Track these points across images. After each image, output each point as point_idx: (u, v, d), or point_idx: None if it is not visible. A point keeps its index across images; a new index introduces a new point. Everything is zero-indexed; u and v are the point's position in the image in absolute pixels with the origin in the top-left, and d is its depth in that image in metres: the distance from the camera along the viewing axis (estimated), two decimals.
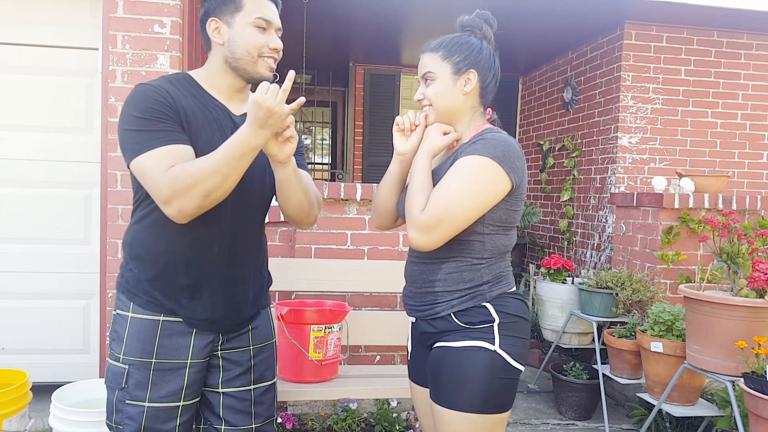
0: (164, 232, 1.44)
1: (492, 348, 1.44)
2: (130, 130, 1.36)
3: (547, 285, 3.64)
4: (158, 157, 1.32)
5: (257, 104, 1.26)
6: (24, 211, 3.09)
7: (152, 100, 1.36)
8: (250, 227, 1.55)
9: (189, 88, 1.47)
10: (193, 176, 1.29)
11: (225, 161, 1.30)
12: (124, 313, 1.48)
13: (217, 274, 1.49)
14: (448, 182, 1.40)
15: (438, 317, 1.50)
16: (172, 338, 1.46)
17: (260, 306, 1.64)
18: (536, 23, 4.71)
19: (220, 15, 1.46)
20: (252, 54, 1.45)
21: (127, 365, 1.45)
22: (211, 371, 1.55)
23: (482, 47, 1.53)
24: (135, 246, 1.48)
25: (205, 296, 1.48)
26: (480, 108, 1.56)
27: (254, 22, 1.44)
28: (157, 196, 1.32)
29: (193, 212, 1.32)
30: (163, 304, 1.46)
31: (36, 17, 3.06)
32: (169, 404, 1.46)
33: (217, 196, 1.32)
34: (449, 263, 1.48)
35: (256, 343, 1.61)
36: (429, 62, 1.52)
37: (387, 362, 3.12)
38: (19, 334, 3.11)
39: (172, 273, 1.46)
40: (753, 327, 2.35)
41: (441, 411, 1.45)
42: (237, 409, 1.57)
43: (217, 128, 1.45)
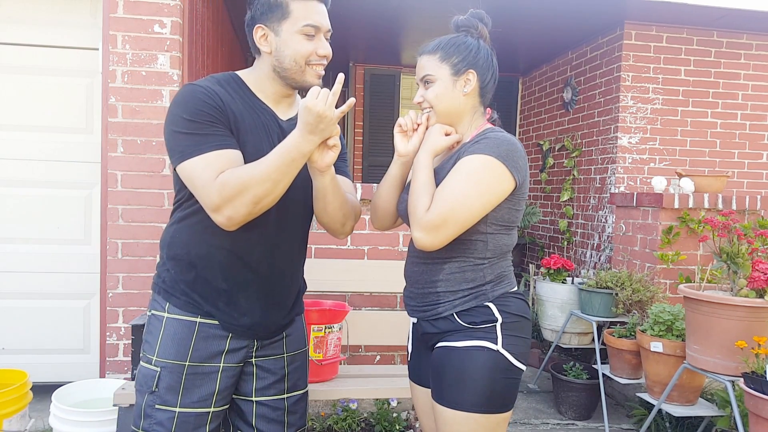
0: (205, 234, 1.42)
1: (495, 348, 1.44)
2: (179, 132, 1.33)
3: (547, 285, 3.64)
4: (208, 163, 1.30)
5: (308, 109, 1.25)
6: (24, 211, 3.09)
7: (202, 103, 1.34)
8: (292, 236, 1.53)
9: (238, 90, 1.44)
10: (243, 183, 1.27)
11: (275, 167, 1.28)
12: (160, 314, 1.45)
13: (255, 281, 1.46)
14: (453, 182, 1.40)
15: (440, 317, 1.49)
16: (207, 341, 1.44)
17: (295, 313, 1.61)
18: (536, 23, 4.71)
19: (267, 22, 1.41)
20: (300, 63, 1.41)
21: (159, 368, 1.42)
22: (245, 379, 1.53)
23: (480, 47, 1.53)
24: (174, 246, 1.46)
25: (242, 302, 1.46)
26: (480, 108, 1.56)
27: (302, 30, 1.39)
28: (207, 203, 1.30)
29: (242, 219, 1.31)
30: (201, 306, 1.44)
31: (36, 17, 3.06)
32: (199, 410, 1.43)
33: (267, 203, 1.31)
34: (451, 263, 1.48)
35: (290, 351, 1.59)
36: (427, 64, 1.52)
37: (387, 362, 3.12)
38: (19, 334, 3.11)
39: (210, 276, 1.43)
40: (753, 327, 2.35)
41: (444, 411, 1.45)
42: (270, 418, 1.54)
43: (265, 133, 1.43)
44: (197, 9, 3.41)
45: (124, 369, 3.03)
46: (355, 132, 6.49)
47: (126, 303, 3.01)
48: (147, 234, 3.00)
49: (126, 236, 2.99)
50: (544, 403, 3.54)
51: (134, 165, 2.98)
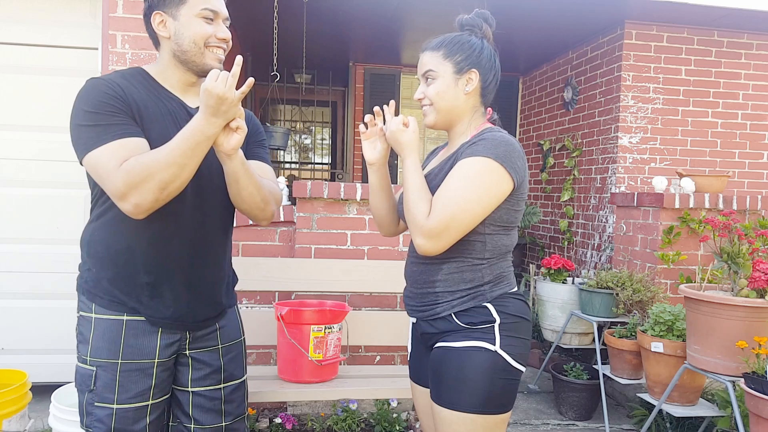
0: (122, 229, 1.42)
1: (493, 348, 1.43)
2: (81, 126, 1.34)
3: (548, 285, 3.64)
4: (111, 152, 1.30)
5: (208, 92, 1.25)
6: (24, 211, 3.09)
7: (103, 94, 1.35)
8: (211, 223, 1.53)
9: (142, 82, 1.45)
10: (148, 168, 1.26)
11: (180, 151, 1.28)
12: (88, 315, 1.46)
13: (177, 272, 1.47)
14: (452, 186, 1.39)
15: (439, 317, 1.49)
16: (137, 338, 1.45)
17: (226, 305, 1.62)
18: (536, 23, 4.71)
19: (165, 8, 1.44)
20: (199, 45, 1.42)
21: (94, 367, 1.43)
22: (180, 370, 1.55)
23: (483, 47, 1.53)
24: (93, 244, 1.46)
25: (166, 294, 1.46)
26: (481, 108, 1.56)
27: (200, 14, 1.42)
28: (112, 192, 1.30)
29: (149, 206, 1.30)
30: (125, 303, 1.44)
31: (36, 17, 3.05)
32: (137, 404, 1.45)
33: (173, 188, 1.30)
34: (450, 263, 1.47)
35: (225, 342, 1.61)
36: (430, 61, 1.51)
37: (387, 362, 3.12)
38: (19, 334, 3.11)
39: (131, 271, 1.44)
40: (753, 327, 2.35)
41: (442, 411, 1.45)
42: (206, 408, 1.57)
43: (172, 120, 1.43)
44: None
45: None
46: (355, 132, 6.49)
47: None
48: None
49: None
50: (544, 403, 3.53)
51: None
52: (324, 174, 9.11)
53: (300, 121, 8.92)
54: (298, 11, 4.41)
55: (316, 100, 7.59)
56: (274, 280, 2.73)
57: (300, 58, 5.12)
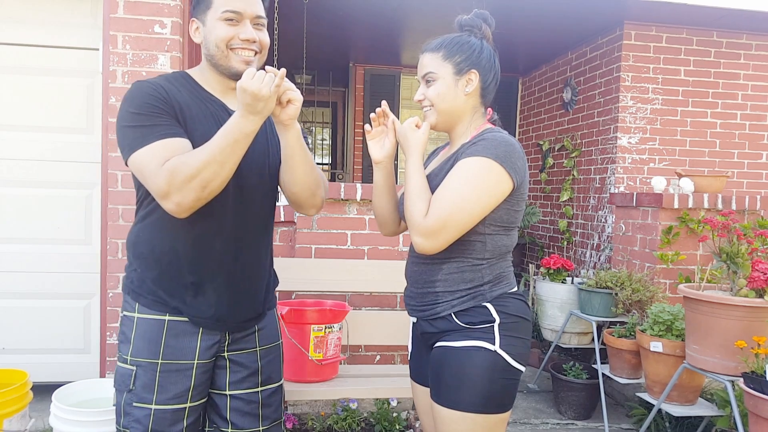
0: (167, 229, 1.44)
1: (492, 348, 1.44)
2: (126, 127, 1.36)
3: (547, 285, 3.64)
4: (155, 152, 1.31)
5: (242, 89, 1.27)
6: (24, 211, 3.09)
7: (147, 96, 1.37)
8: (253, 223, 1.54)
9: (185, 85, 1.48)
10: (189, 167, 1.28)
11: (219, 149, 1.29)
12: (131, 314, 1.48)
13: (220, 271, 1.48)
14: (451, 185, 1.40)
15: (439, 317, 1.50)
16: (178, 338, 1.45)
17: (267, 307, 1.62)
18: (536, 23, 4.71)
19: (197, 15, 1.47)
20: (221, 48, 1.43)
21: (134, 366, 1.44)
22: (218, 373, 1.54)
23: (483, 47, 1.53)
24: (138, 245, 1.48)
25: (209, 293, 1.47)
26: (481, 108, 1.56)
27: (222, 16, 1.42)
28: (155, 191, 1.32)
29: (191, 205, 1.31)
30: (168, 303, 1.45)
31: (36, 17, 3.06)
32: (175, 406, 1.45)
33: (214, 187, 1.31)
34: (450, 263, 1.48)
35: (263, 345, 1.60)
36: (430, 62, 1.52)
37: (387, 362, 3.12)
38: (19, 334, 3.11)
39: (175, 271, 1.45)
40: (752, 327, 2.35)
41: (441, 411, 1.46)
42: (244, 412, 1.56)
43: (214, 122, 1.44)
44: None
45: None
46: (355, 132, 6.49)
47: None
48: None
49: (126, 236, 2.99)
50: (543, 402, 3.54)
51: None
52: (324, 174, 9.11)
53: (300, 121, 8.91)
54: (299, 12, 4.42)
55: (316, 101, 7.60)
56: None
57: (300, 58, 5.12)
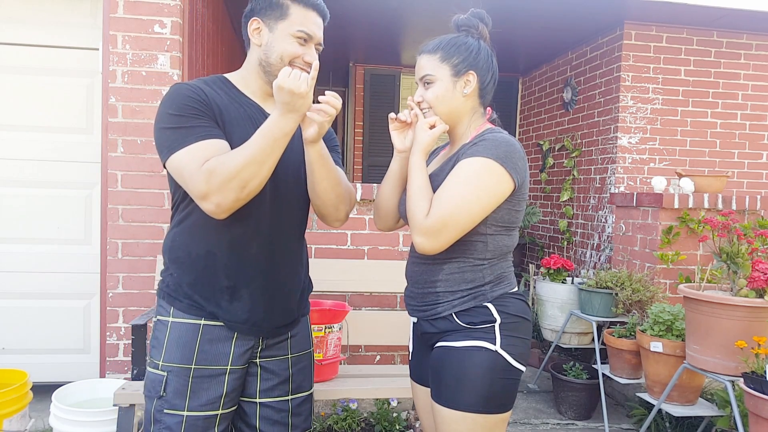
0: (203, 233, 1.44)
1: (493, 348, 1.44)
2: (165, 129, 1.36)
3: (547, 285, 3.64)
4: (194, 153, 1.31)
5: (279, 87, 1.28)
6: (24, 211, 3.09)
7: (186, 98, 1.37)
8: (289, 228, 1.54)
9: (223, 88, 1.48)
10: (228, 167, 1.28)
11: (258, 148, 1.29)
12: (165, 319, 1.46)
13: (256, 275, 1.47)
14: (452, 185, 1.40)
15: (439, 317, 1.50)
16: (212, 343, 1.44)
17: (300, 313, 1.62)
18: (536, 23, 4.71)
19: (264, 17, 1.46)
20: (285, 62, 1.44)
21: (166, 372, 1.42)
22: (249, 380, 1.53)
23: (480, 48, 1.52)
24: (174, 249, 1.47)
25: (245, 297, 1.46)
26: (480, 108, 1.56)
27: (296, 34, 1.44)
28: (194, 192, 1.31)
29: (231, 206, 1.31)
30: (204, 307, 1.44)
31: (36, 17, 3.06)
32: (207, 413, 1.43)
33: (253, 187, 1.31)
34: (451, 264, 1.48)
35: (295, 352, 1.59)
36: (427, 64, 1.51)
37: (387, 362, 3.12)
38: (19, 334, 3.11)
39: (211, 275, 1.44)
40: (753, 327, 2.35)
41: (442, 411, 1.45)
42: (274, 420, 1.54)
43: (251, 124, 1.44)
44: (197, 9, 3.42)
45: (124, 369, 3.03)
46: (355, 132, 6.49)
47: (126, 303, 3.01)
48: (147, 234, 3.00)
49: (126, 236, 2.99)
50: (544, 402, 3.54)
51: (134, 165, 2.99)
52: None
53: None
54: None
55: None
56: None
57: None
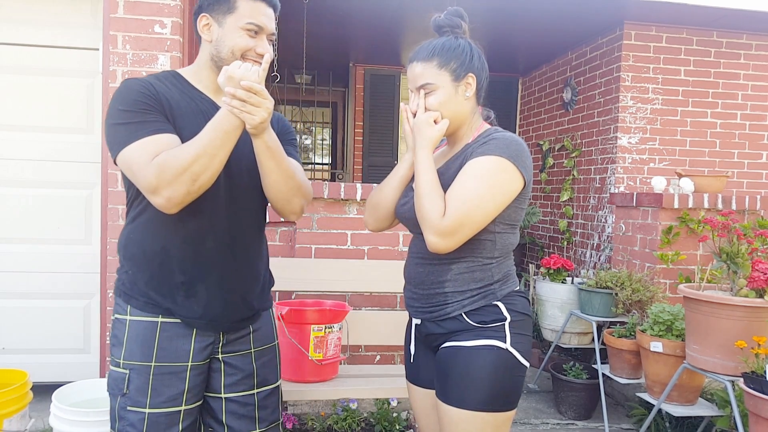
0: (157, 230, 1.43)
1: (504, 346, 1.44)
2: (116, 125, 1.36)
3: (547, 285, 3.64)
4: (144, 147, 1.31)
5: (229, 77, 1.28)
6: (24, 211, 3.09)
7: (137, 93, 1.37)
8: (246, 221, 1.53)
9: (175, 83, 1.48)
10: (179, 160, 1.28)
11: (208, 140, 1.29)
12: (123, 317, 1.47)
13: (212, 270, 1.47)
14: (466, 184, 1.39)
15: (448, 318, 1.49)
16: (172, 340, 1.44)
17: (261, 307, 1.61)
18: (536, 23, 4.71)
19: (212, 12, 1.45)
20: (236, 56, 1.43)
21: (127, 370, 1.43)
22: (213, 375, 1.53)
23: (472, 49, 1.51)
24: (129, 247, 1.47)
25: (201, 293, 1.46)
26: (476, 108, 1.56)
27: (245, 26, 1.43)
28: (145, 186, 1.31)
29: (181, 199, 1.31)
30: (160, 305, 1.44)
31: (36, 18, 3.06)
32: (170, 409, 1.43)
33: (205, 180, 1.31)
34: (460, 263, 1.47)
35: (258, 347, 1.59)
36: (424, 72, 1.47)
37: (387, 362, 3.12)
38: (19, 334, 3.11)
39: (166, 271, 1.44)
40: (752, 327, 2.35)
41: (450, 410, 1.45)
42: (240, 414, 1.54)
43: (203, 118, 1.43)
44: None
45: None
46: (355, 132, 6.49)
47: None
48: None
49: None
50: (543, 402, 3.54)
51: None
52: (324, 174, 9.12)
53: (300, 121, 8.93)
54: (299, 12, 4.41)
55: (316, 101, 7.60)
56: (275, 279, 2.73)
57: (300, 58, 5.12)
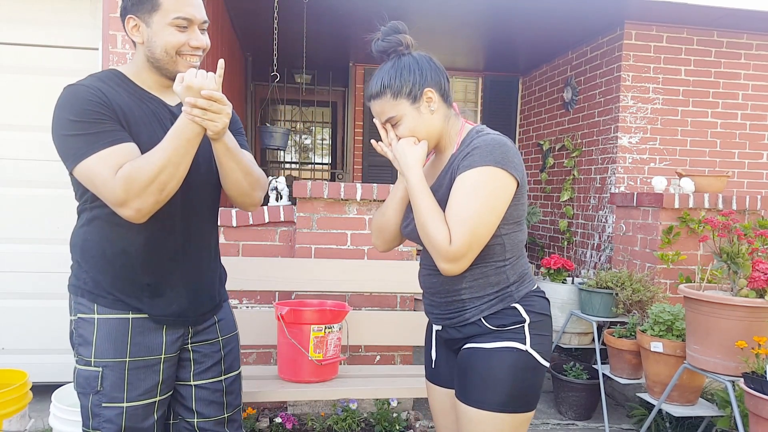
0: (116, 232, 1.42)
1: (524, 348, 1.44)
2: (68, 136, 1.32)
3: (547, 285, 3.64)
4: (104, 160, 1.29)
5: (188, 87, 1.27)
6: (24, 211, 3.09)
7: (86, 101, 1.33)
8: (201, 219, 1.55)
9: (121, 84, 1.44)
10: (146, 172, 1.27)
11: (173, 149, 1.29)
12: (89, 316, 1.45)
13: (175, 270, 1.49)
14: (464, 203, 1.36)
15: (468, 323, 1.49)
16: (144, 335, 1.46)
17: (221, 299, 1.66)
18: (536, 23, 4.71)
19: (138, 13, 1.41)
20: (171, 54, 1.41)
21: (100, 368, 1.43)
22: (182, 365, 1.57)
23: (418, 61, 1.46)
24: (87, 249, 1.45)
25: (167, 293, 1.48)
26: (449, 111, 1.52)
27: (173, 22, 1.39)
28: (111, 200, 1.29)
29: (150, 209, 1.31)
30: (128, 303, 1.45)
31: (36, 17, 3.06)
32: (146, 401, 1.46)
33: (171, 188, 1.32)
34: (474, 270, 1.46)
35: (224, 335, 1.64)
36: (384, 108, 1.46)
37: (387, 362, 3.12)
38: (19, 334, 3.11)
39: (130, 273, 1.44)
40: (753, 327, 2.35)
41: (469, 411, 1.45)
42: (210, 401, 1.59)
43: (157, 122, 1.43)
44: None
45: None
46: (355, 132, 6.49)
47: None
48: None
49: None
50: (544, 403, 3.53)
51: None
52: (324, 174, 9.11)
53: (300, 121, 8.92)
54: (298, 11, 4.41)
55: (316, 101, 7.59)
56: (274, 280, 2.73)
57: (300, 58, 5.12)
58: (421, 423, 2.95)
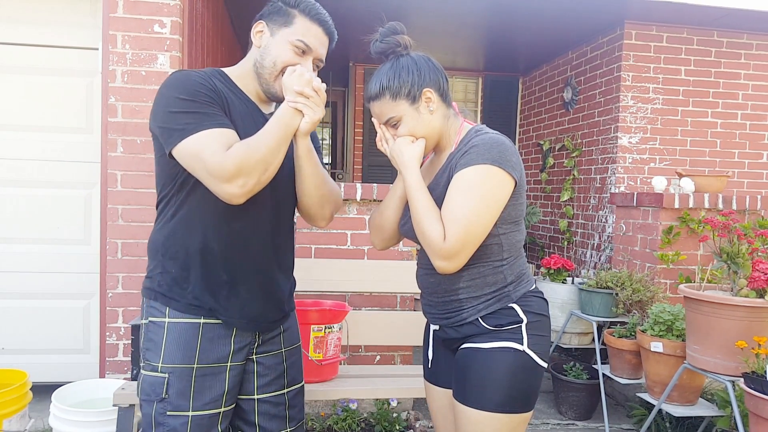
0: (199, 228, 1.42)
1: (521, 348, 1.44)
2: (177, 112, 1.31)
3: (547, 285, 3.64)
4: (215, 137, 1.30)
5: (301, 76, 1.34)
6: (24, 211, 3.09)
7: (198, 84, 1.36)
8: (285, 224, 1.55)
9: (224, 81, 1.47)
10: (255, 150, 1.29)
11: (274, 135, 1.33)
12: (160, 320, 1.43)
13: (254, 271, 1.47)
14: (459, 201, 1.36)
15: (465, 323, 1.49)
16: (213, 341, 1.43)
17: (290, 308, 1.63)
18: (536, 23, 4.71)
19: (270, 22, 1.46)
20: (277, 67, 1.43)
21: (166, 374, 1.40)
22: (246, 377, 1.53)
23: (416, 62, 1.47)
24: (171, 246, 1.44)
25: (243, 293, 1.46)
26: (449, 111, 1.53)
27: (294, 42, 1.42)
28: (218, 173, 1.27)
29: (252, 189, 1.31)
30: (203, 305, 1.43)
31: (36, 17, 3.06)
32: (211, 411, 1.43)
33: (272, 171, 1.34)
34: (471, 270, 1.46)
35: (287, 346, 1.61)
36: (383, 109, 1.47)
37: (387, 362, 3.12)
38: (19, 334, 3.11)
39: (210, 270, 1.43)
40: (753, 327, 2.35)
41: (467, 411, 1.45)
42: (272, 414, 1.55)
43: (252, 122, 1.44)
44: (197, 9, 3.41)
45: (124, 369, 3.03)
46: (355, 132, 6.49)
47: (126, 303, 3.01)
48: (147, 234, 2.99)
49: (126, 236, 2.99)
50: (544, 403, 3.53)
51: (134, 165, 2.98)
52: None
53: None
54: None
55: None
56: None
57: None
58: (421, 423, 2.95)
